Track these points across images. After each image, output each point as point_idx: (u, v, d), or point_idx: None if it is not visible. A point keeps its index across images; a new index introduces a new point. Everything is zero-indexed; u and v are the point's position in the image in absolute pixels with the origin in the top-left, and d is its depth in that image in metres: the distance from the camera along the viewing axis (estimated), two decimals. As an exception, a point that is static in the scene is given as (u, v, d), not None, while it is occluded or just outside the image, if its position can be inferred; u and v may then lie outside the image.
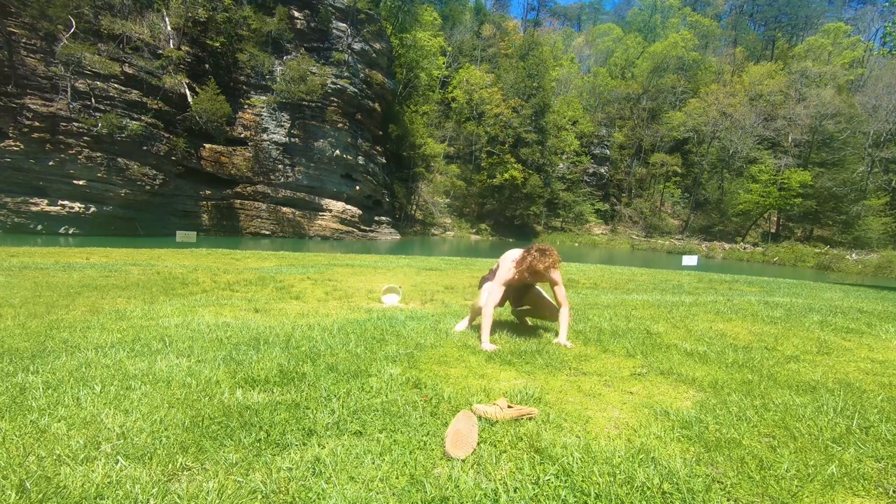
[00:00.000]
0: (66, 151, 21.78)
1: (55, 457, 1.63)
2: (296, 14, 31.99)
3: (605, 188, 55.47)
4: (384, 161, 38.74)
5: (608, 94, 57.27)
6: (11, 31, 20.70)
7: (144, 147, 24.03)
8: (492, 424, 1.97)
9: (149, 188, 24.51)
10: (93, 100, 22.42)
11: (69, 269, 7.62)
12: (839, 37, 57.36)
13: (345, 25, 33.66)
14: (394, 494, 1.48)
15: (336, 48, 33.10)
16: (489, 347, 3.14)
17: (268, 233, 30.39)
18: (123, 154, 23.35)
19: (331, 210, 32.79)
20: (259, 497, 1.46)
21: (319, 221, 32.32)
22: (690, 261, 15.56)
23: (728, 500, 1.49)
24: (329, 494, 1.47)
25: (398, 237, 37.81)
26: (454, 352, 3.08)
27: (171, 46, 26.15)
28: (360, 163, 34.65)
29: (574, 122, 53.04)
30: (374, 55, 36.35)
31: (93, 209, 23.05)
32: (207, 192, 28.32)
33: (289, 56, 31.07)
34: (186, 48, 26.96)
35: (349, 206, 33.70)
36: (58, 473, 1.53)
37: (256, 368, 2.62)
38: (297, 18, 32.04)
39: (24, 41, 21.14)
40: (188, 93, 26.20)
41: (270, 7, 30.72)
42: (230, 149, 29.08)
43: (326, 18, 32.75)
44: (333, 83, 31.97)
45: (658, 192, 55.44)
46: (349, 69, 33.53)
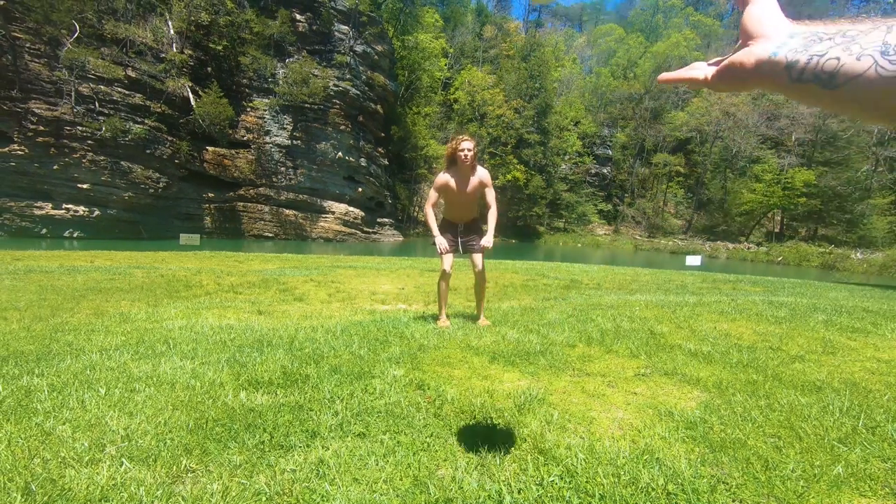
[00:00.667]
0: (71, 155, 21.90)
1: (60, 459, 1.64)
2: (298, 17, 32.11)
3: (608, 188, 55.39)
4: (386, 163, 38.80)
5: (610, 95, 57.23)
6: (16, 36, 20.86)
7: (148, 150, 24.15)
8: (495, 426, 1.96)
9: (152, 191, 24.63)
10: (96, 104, 22.56)
11: (73, 273, 7.66)
12: (842, 35, 57.14)
13: (347, 28, 33.77)
14: (397, 496, 1.48)
15: (338, 50, 33.20)
16: (439, 240, 3.84)
17: (271, 235, 30.47)
18: (127, 157, 23.48)
19: (333, 212, 32.86)
20: (263, 499, 1.46)
21: (322, 223, 32.39)
22: (694, 261, 15.53)
23: (733, 501, 1.48)
24: (333, 496, 1.47)
25: (401, 239, 37.84)
26: (457, 353, 3.07)
27: (174, 50, 26.29)
28: (363, 165, 34.72)
29: (576, 123, 53.03)
30: (376, 57, 36.44)
31: (97, 212, 23.18)
32: (210, 195, 28.42)
33: (291, 59, 31.19)
34: (189, 52, 27.09)
35: (352, 208, 33.76)
36: (63, 476, 1.54)
37: (260, 370, 2.62)
38: (299, 21, 32.17)
39: (29, 46, 21.29)
40: (191, 96, 26.32)
41: (273, 10, 30.86)
42: (233, 151, 29.20)
43: (328, 21, 32.86)
44: (336, 85, 32.06)
45: (661, 192, 55.31)
46: (351, 71, 33.63)
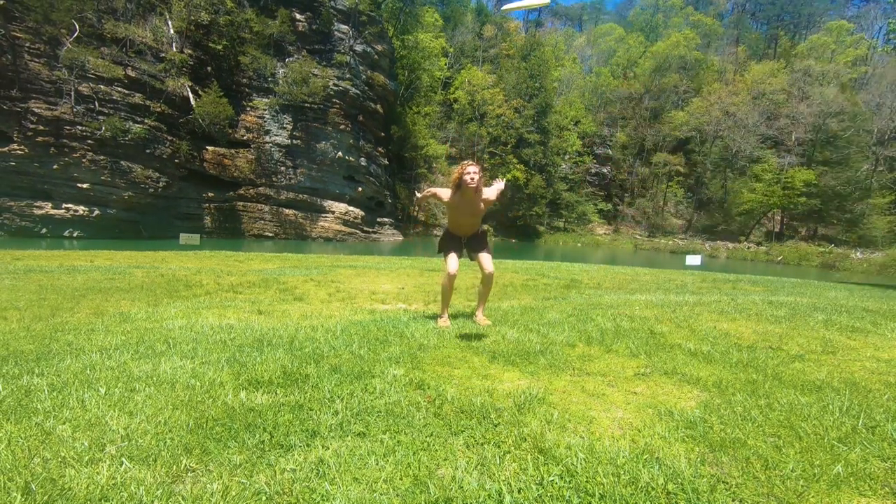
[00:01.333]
0: (70, 155, 21.90)
1: (60, 459, 1.64)
2: (297, 16, 32.10)
3: (608, 188, 55.38)
4: (386, 162, 38.80)
5: (610, 94, 57.22)
6: (15, 36, 20.85)
7: (148, 150, 24.15)
8: (495, 425, 1.97)
9: (152, 191, 24.63)
10: (96, 103, 22.55)
11: (73, 272, 7.66)
12: (842, 35, 57.12)
13: (346, 27, 33.76)
14: (398, 495, 1.48)
15: (338, 50, 33.18)
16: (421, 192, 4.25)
17: (270, 235, 30.47)
18: (127, 157, 23.48)
19: (333, 212, 32.86)
20: (263, 498, 1.46)
21: (322, 223, 32.39)
22: (694, 260, 15.49)
23: (733, 501, 1.48)
24: (333, 496, 1.47)
25: (401, 238, 37.85)
26: (457, 352, 3.08)
27: (174, 50, 26.28)
28: (363, 164, 34.71)
29: (576, 123, 53.02)
30: (376, 57, 36.43)
31: (97, 212, 23.18)
32: (210, 195, 28.42)
33: (291, 58, 31.19)
34: (189, 51, 27.09)
35: (352, 208, 33.76)
36: (63, 475, 1.54)
37: (260, 370, 2.62)
38: (299, 21, 32.15)
39: (28, 45, 21.29)
40: (191, 96, 26.32)
41: (272, 10, 30.85)
42: (233, 151, 29.20)
43: (328, 20, 32.85)
44: (335, 85, 32.05)
45: (661, 192, 55.29)
46: (351, 71, 33.62)
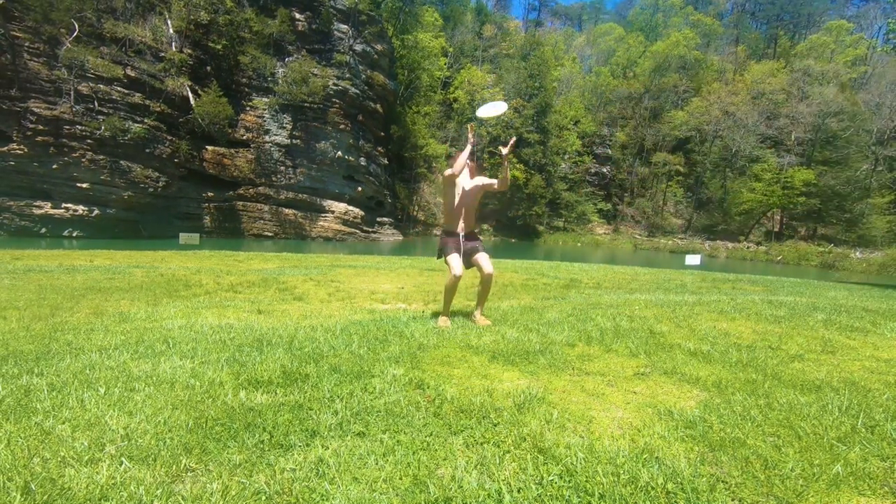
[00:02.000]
0: (70, 154, 21.89)
1: (60, 458, 1.64)
2: (297, 16, 32.08)
3: (608, 188, 55.36)
4: (386, 162, 38.78)
5: (610, 94, 57.18)
6: (15, 35, 20.83)
7: (147, 150, 24.14)
8: (495, 425, 1.97)
9: (152, 190, 24.61)
10: (96, 103, 22.54)
11: (73, 272, 7.66)
12: (842, 35, 57.11)
13: (346, 27, 33.73)
14: (397, 495, 1.48)
15: (338, 50, 33.16)
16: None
17: (270, 234, 30.46)
18: (126, 157, 23.46)
19: (333, 211, 32.85)
20: (263, 498, 1.46)
21: (322, 223, 32.38)
22: (693, 260, 15.56)
23: (733, 500, 1.48)
24: (333, 495, 1.47)
25: (400, 238, 37.83)
26: (457, 352, 3.08)
27: (174, 49, 26.27)
28: (362, 164, 34.70)
29: (576, 122, 52.99)
30: (376, 56, 36.41)
31: (96, 212, 23.16)
32: (210, 195, 28.41)
33: (290, 58, 31.16)
34: (189, 51, 27.07)
35: (351, 208, 33.75)
36: (62, 475, 1.54)
37: (260, 370, 2.62)
38: (299, 20, 32.13)
39: (28, 45, 21.27)
40: (190, 95, 26.30)
41: (272, 9, 30.83)
42: (232, 151, 29.18)
43: (328, 20, 32.82)
44: (335, 85, 32.03)
45: (660, 192, 55.29)
46: (351, 71, 33.59)
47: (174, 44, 26.53)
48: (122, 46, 24.05)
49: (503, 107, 4.18)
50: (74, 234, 22.73)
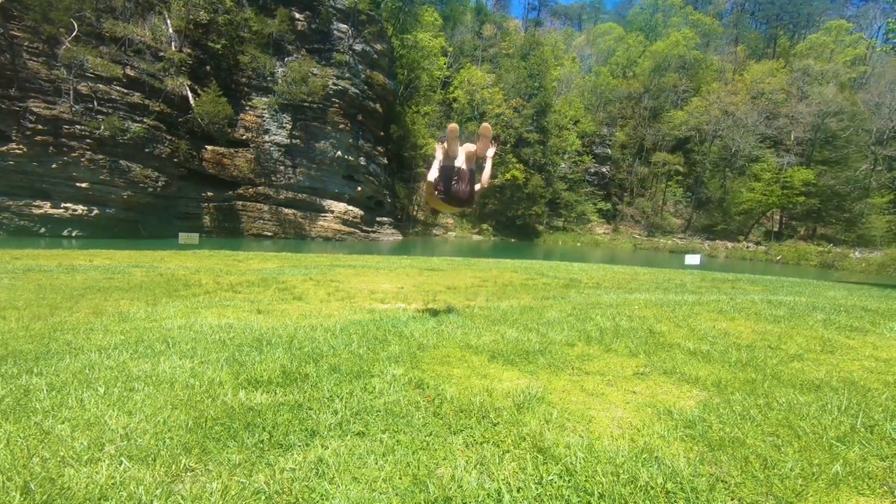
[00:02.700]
0: (69, 154, 21.86)
1: (59, 458, 1.64)
2: (297, 16, 32.06)
3: (607, 187, 55.38)
4: (386, 162, 38.76)
5: (610, 94, 57.20)
6: (14, 35, 20.81)
7: (147, 149, 24.12)
8: (494, 425, 1.97)
9: (151, 190, 24.59)
10: (95, 102, 22.51)
11: (72, 272, 7.65)
12: (841, 34, 57.15)
13: (346, 27, 33.71)
14: (397, 495, 1.48)
15: (337, 49, 33.13)
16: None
17: (270, 234, 30.45)
18: (126, 156, 23.44)
19: (333, 211, 32.84)
20: (263, 498, 1.46)
21: (321, 222, 32.37)
22: (693, 260, 15.57)
23: (732, 500, 1.48)
24: (332, 495, 1.47)
25: (400, 238, 37.81)
26: (456, 352, 3.08)
27: (173, 49, 26.24)
28: (362, 164, 34.68)
29: (576, 122, 53.00)
30: (376, 56, 36.38)
31: (96, 211, 23.14)
32: (209, 194, 28.39)
33: (290, 58, 31.14)
34: (188, 50, 27.04)
35: (351, 207, 33.73)
36: (62, 475, 1.54)
37: (259, 369, 2.62)
38: (298, 20, 32.11)
39: (27, 45, 21.24)
40: (190, 95, 26.28)
41: (272, 9, 30.80)
42: (232, 150, 29.16)
43: (327, 20, 32.81)
44: (335, 84, 32.01)
45: (660, 192, 55.31)
46: (350, 70, 33.57)
47: (174, 43, 26.50)
48: (122, 46, 24.02)
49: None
50: (74, 234, 22.71)
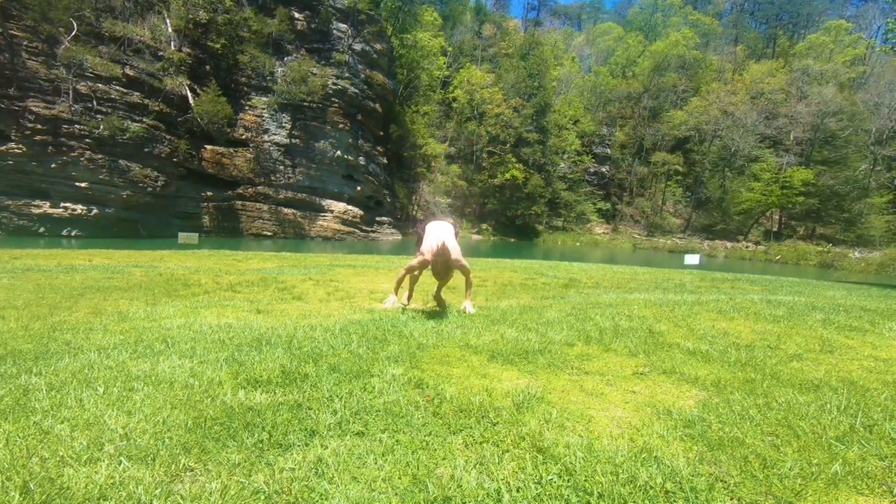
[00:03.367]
0: (69, 154, 21.85)
1: (58, 458, 1.64)
2: (296, 15, 32.04)
3: (607, 187, 55.42)
4: (385, 161, 38.76)
5: (609, 94, 57.23)
6: (13, 35, 20.79)
7: (146, 149, 24.10)
8: (494, 424, 1.97)
9: (151, 190, 24.58)
10: (94, 102, 22.50)
11: (72, 271, 7.64)
12: (840, 34, 57.18)
13: (345, 26, 33.70)
14: (396, 494, 1.48)
15: (337, 49, 33.13)
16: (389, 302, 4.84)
17: (269, 234, 30.44)
18: (125, 156, 23.43)
19: (332, 211, 32.83)
20: (262, 498, 1.46)
21: (321, 222, 32.36)
22: (692, 260, 15.58)
23: (731, 499, 1.48)
24: (332, 495, 1.47)
25: (400, 237, 37.80)
26: (456, 352, 3.08)
27: (173, 48, 26.23)
28: (362, 163, 34.68)
29: (575, 122, 53.04)
30: (375, 56, 36.38)
31: (95, 211, 23.13)
32: (209, 194, 28.38)
33: (289, 57, 31.13)
34: (187, 50, 27.04)
35: (350, 207, 33.73)
36: (61, 475, 1.53)
37: (259, 369, 2.62)
38: (298, 20, 32.10)
39: (26, 44, 21.23)
40: (189, 94, 26.26)
41: (271, 8, 30.79)
42: (231, 150, 29.15)
43: (327, 19, 32.80)
44: (334, 84, 32.00)
45: (660, 191, 55.35)
46: (350, 70, 33.56)
47: (173, 43, 26.49)
48: (121, 45, 24.00)
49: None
50: (73, 234, 22.69)
